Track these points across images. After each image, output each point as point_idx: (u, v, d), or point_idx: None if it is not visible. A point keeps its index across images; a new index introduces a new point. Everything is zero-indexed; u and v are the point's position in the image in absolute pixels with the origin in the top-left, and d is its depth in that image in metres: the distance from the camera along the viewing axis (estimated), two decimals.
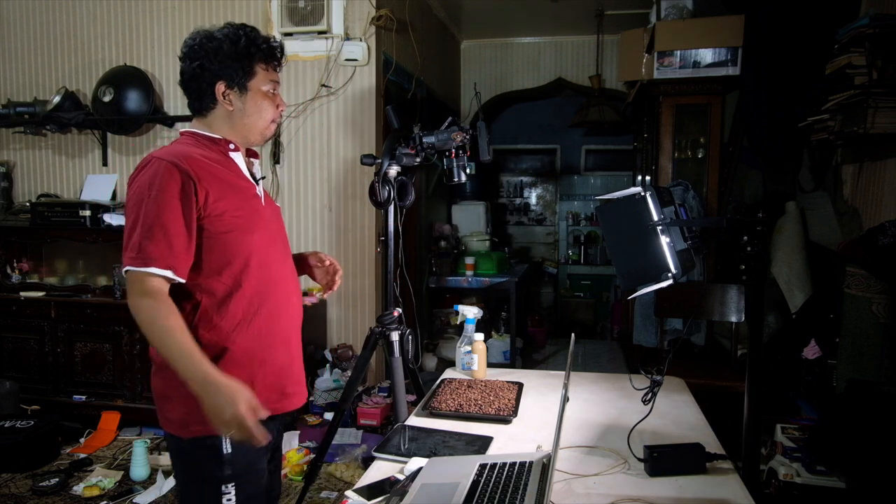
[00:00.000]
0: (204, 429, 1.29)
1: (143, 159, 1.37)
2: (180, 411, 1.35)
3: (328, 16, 3.51)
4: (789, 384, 2.99)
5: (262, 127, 1.48)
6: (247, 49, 1.42)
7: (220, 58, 1.40)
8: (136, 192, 1.32)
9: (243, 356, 1.39)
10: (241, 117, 1.45)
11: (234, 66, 1.41)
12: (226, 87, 1.42)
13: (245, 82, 1.43)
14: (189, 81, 1.43)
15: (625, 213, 1.30)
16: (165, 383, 1.37)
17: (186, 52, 1.42)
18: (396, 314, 2.24)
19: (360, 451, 3.01)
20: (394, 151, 2.18)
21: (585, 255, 7.05)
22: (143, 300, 1.27)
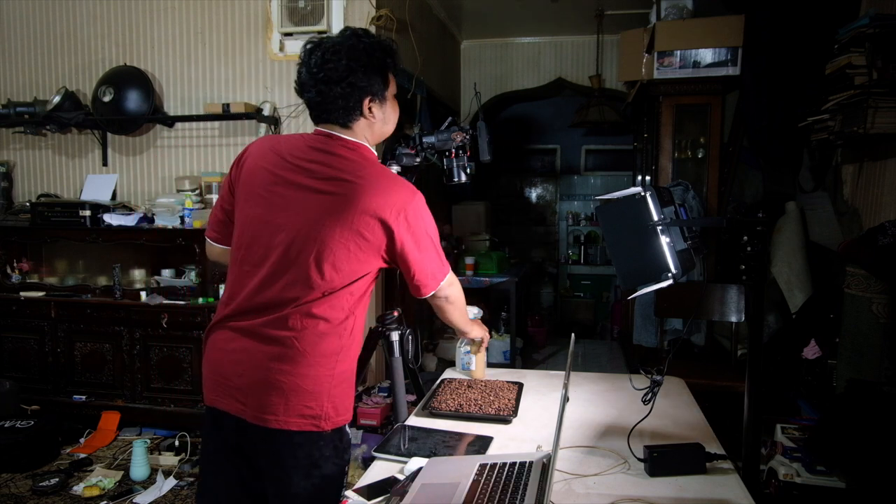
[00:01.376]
0: (346, 416, 1.42)
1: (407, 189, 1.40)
2: (334, 404, 1.39)
3: (328, 16, 3.51)
4: (789, 384, 2.99)
5: (390, 131, 1.52)
6: (383, 60, 1.42)
7: (369, 73, 1.40)
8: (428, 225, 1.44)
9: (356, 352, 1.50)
10: (381, 126, 1.48)
11: (377, 79, 1.42)
12: (370, 101, 1.42)
13: (384, 92, 1.45)
14: (336, 101, 1.39)
15: (625, 213, 1.30)
16: (328, 380, 1.39)
17: (331, 73, 1.37)
18: (396, 314, 2.24)
19: (360, 451, 3.01)
20: (394, 151, 2.17)
21: (585, 255, 7.05)
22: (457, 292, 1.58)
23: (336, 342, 1.39)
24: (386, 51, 1.43)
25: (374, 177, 1.38)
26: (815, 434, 2.31)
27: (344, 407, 1.42)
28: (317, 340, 1.36)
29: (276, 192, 1.39)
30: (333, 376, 1.39)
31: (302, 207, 1.36)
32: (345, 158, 1.40)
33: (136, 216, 3.54)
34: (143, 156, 3.92)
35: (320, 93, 1.39)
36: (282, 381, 1.34)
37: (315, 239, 1.35)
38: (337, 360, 1.39)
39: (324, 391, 1.37)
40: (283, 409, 1.34)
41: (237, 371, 1.38)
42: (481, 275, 4.51)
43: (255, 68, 3.72)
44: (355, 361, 1.46)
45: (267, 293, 1.38)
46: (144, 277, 3.63)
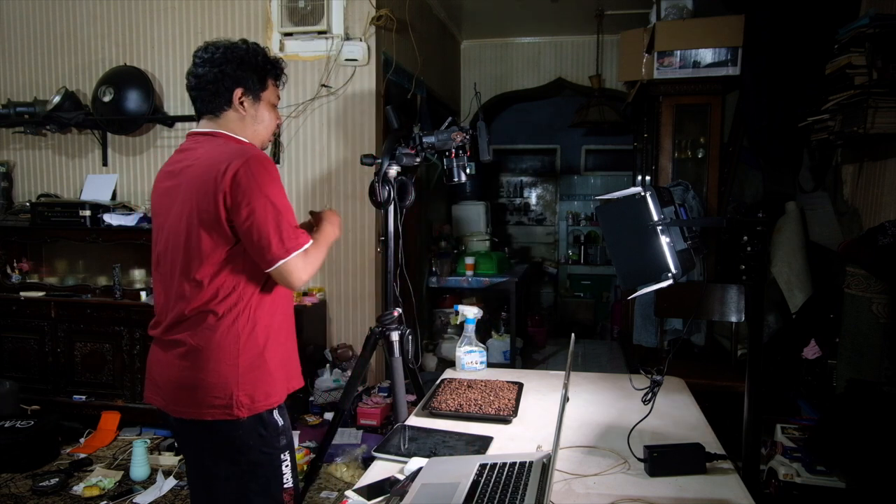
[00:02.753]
0: (266, 402, 1.49)
1: (234, 155, 1.43)
2: (246, 392, 1.47)
3: (328, 16, 3.51)
4: (789, 384, 2.99)
5: (265, 136, 1.62)
6: (264, 63, 1.57)
7: (243, 66, 1.53)
8: (263, 189, 1.41)
9: (278, 334, 1.57)
10: (252, 123, 1.57)
11: (253, 76, 1.55)
12: (242, 94, 1.54)
13: (259, 92, 1.57)
14: (207, 83, 1.52)
15: (625, 213, 1.30)
16: (233, 370, 1.46)
17: (208, 59, 1.52)
18: (396, 314, 2.24)
19: (360, 451, 3.01)
20: (394, 151, 2.18)
21: (585, 255, 7.05)
22: (309, 266, 1.48)
23: (230, 333, 1.46)
24: (269, 58, 1.59)
25: (210, 150, 1.47)
26: (815, 434, 2.31)
27: (260, 394, 1.49)
28: (209, 335, 1.46)
29: (156, 203, 1.55)
30: (238, 366, 1.46)
31: (167, 210, 1.50)
32: (198, 148, 1.51)
33: (136, 216, 3.55)
34: (143, 156, 3.92)
35: (196, 77, 1.52)
36: (188, 377, 1.46)
37: (176, 235, 1.47)
38: (238, 350, 1.47)
39: (230, 381, 1.45)
40: (192, 401, 1.46)
41: (158, 373, 1.54)
42: (481, 275, 4.51)
43: None
44: (269, 349, 1.52)
45: (160, 299, 1.53)
46: (144, 277, 3.63)
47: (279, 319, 1.57)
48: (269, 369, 1.51)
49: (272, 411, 1.52)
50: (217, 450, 1.50)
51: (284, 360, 1.58)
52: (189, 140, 1.55)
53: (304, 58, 3.65)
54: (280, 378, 1.55)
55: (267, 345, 1.51)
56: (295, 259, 1.44)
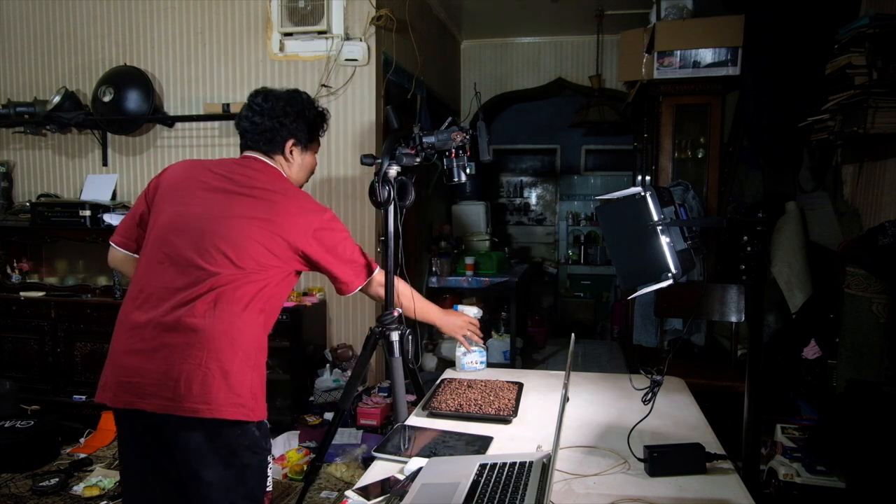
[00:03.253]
0: (262, 412, 1.55)
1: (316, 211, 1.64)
2: (255, 397, 1.53)
3: (328, 16, 3.51)
4: (789, 384, 2.99)
5: (303, 179, 1.80)
6: (315, 119, 1.75)
7: (299, 121, 1.68)
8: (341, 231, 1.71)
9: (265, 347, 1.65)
10: (297, 170, 1.74)
11: (304, 129, 1.71)
12: (293, 145, 1.69)
13: (308, 144, 1.74)
14: (264, 132, 1.65)
15: (625, 213, 1.30)
16: (241, 376, 1.50)
17: (268, 109, 1.64)
18: (396, 314, 2.24)
19: (360, 451, 3.01)
20: (394, 151, 2.17)
21: (585, 255, 7.05)
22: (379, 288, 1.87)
23: (256, 330, 1.59)
24: (320, 114, 1.77)
25: (290, 192, 1.63)
26: (815, 434, 2.31)
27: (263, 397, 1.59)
28: (228, 328, 1.53)
29: (198, 195, 1.60)
30: (259, 366, 1.59)
31: (221, 206, 1.57)
32: (262, 173, 1.65)
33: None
34: (143, 156, 3.92)
35: (253, 123, 1.65)
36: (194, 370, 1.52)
37: (230, 230, 1.55)
38: (258, 349, 1.60)
39: (254, 381, 1.57)
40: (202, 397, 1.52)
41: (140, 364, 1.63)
42: (481, 275, 4.51)
43: (255, 68, 3.72)
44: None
45: (162, 280, 1.71)
46: None
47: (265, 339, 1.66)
48: (263, 383, 1.59)
49: (264, 421, 1.58)
50: (213, 451, 1.46)
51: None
52: (246, 160, 1.67)
53: (304, 58, 3.65)
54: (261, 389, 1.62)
55: (265, 361, 1.62)
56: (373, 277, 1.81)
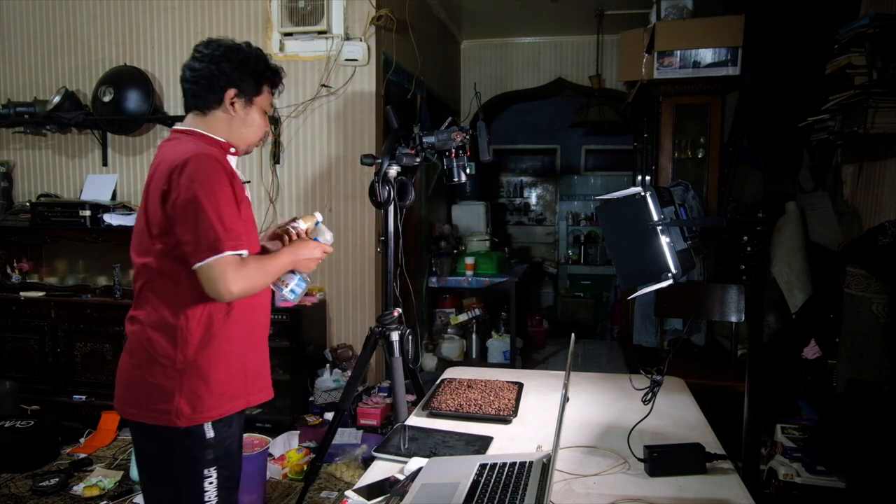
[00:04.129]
0: (198, 417, 1.42)
1: (177, 155, 1.40)
2: (177, 403, 1.42)
3: (328, 16, 3.51)
4: (789, 384, 2.99)
5: (252, 141, 1.59)
6: (264, 69, 1.56)
7: (242, 68, 1.51)
8: (192, 184, 1.35)
9: (235, 340, 1.49)
10: (240, 126, 1.55)
11: (249, 79, 1.53)
12: (235, 95, 1.51)
13: (253, 96, 1.55)
14: (200, 79, 1.50)
15: (625, 213, 1.30)
16: (162, 377, 1.43)
17: (207, 55, 1.50)
18: (396, 314, 2.24)
19: (360, 451, 3.01)
20: (394, 151, 2.18)
21: (585, 255, 7.05)
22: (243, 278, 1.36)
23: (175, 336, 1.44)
24: (269, 65, 1.58)
25: (176, 149, 1.43)
26: (815, 434, 2.31)
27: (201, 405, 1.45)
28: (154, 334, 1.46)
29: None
30: (181, 372, 1.44)
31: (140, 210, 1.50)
32: (171, 146, 1.48)
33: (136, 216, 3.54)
34: (143, 156, 3.92)
35: (192, 70, 1.51)
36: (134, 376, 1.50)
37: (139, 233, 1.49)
38: (181, 355, 1.46)
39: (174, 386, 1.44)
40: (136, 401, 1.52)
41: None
42: (481, 275, 4.51)
43: None
44: (219, 358, 1.47)
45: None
46: None
47: (237, 327, 1.48)
48: (216, 381, 1.44)
49: (203, 426, 1.44)
50: (152, 453, 1.49)
51: (241, 372, 1.50)
52: (170, 136, 1.54)
53: (304, 58, 3.65)
54: (228, 390, 1.47)
55: (217, 356, 1.45)
56: (221, 262, 1.33)
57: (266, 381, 1.61)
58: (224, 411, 1.46)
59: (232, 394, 1.48)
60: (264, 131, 1.61)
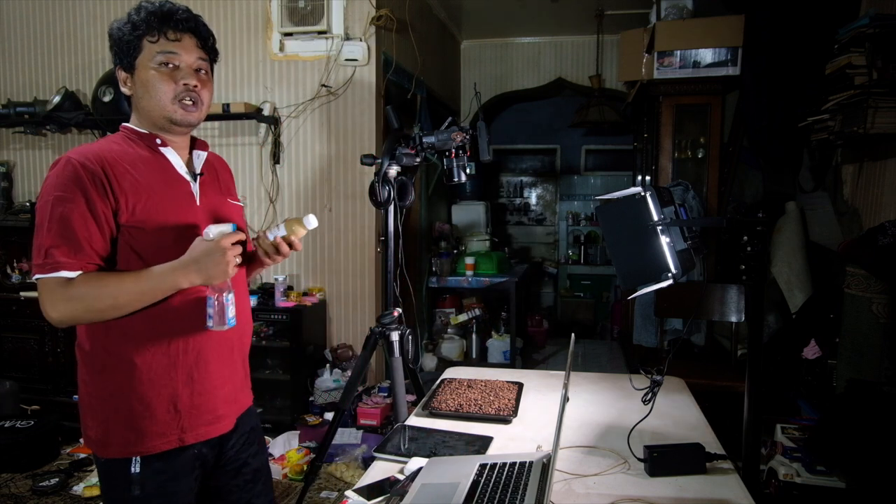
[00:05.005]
0: (117, 450, 1.27)
1: (56, 159, 1.25)
2: (98, 429, 1.28)
3: (328, 16, 3.51)
4: (789, 384, 2.99)
5: (160, 108, 1.29)
6: (131, 26, 1.27)
7: (113, 41, 1.30)
8: (42, 194, 1.22)
9: (155, 370, 1.27)
10: (137, 101, 1.31)
11: (123, 47, 1.29)
12: (121, 72, 1.32)
13: (132, 61, 1.29)
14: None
15: (625, 213, 1.30)
16: (87, 400, 1.30)
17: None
18: (396, 314, 2.24)
19: (360, 451, 3.01)
20: (394, 151, 2.18)
21: (585, 255, 7.05)
22: (67, 302, 1.18)
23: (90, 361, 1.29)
24: (137, 14, 1.29)
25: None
26: (815, 434, 2.31)
27: (116, 438, 1.27)
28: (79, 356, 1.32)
29: None
30: (93, 397, 1.29)
31: None
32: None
33: None
34: None
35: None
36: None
37: None
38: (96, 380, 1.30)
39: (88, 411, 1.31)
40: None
41: None
42: (481, 275, 4.52)
43: (255, 68, 3.72)
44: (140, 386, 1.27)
45: None
46: None
47: (154, 354, 1.27)
48: (132, 413, 1.26)
49: (130, 460, 1.27)
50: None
51: (167, 405, 1.28)
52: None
53: (304, 58, 3.65)
54: (149, 426, 1.27)
55: (130, 384, 1.25)
56: (40, 283, 1.18)
57: (214, 414, 1.35)
58: (146, 449, 1.27)
59: (156, 430, 1.27)
60: (171, 90, 1.28)
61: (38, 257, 1.18)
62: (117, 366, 1.26)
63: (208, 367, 1.33)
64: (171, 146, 1.34)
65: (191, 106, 1.31)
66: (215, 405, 1.35)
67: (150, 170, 1.29)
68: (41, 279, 1.18)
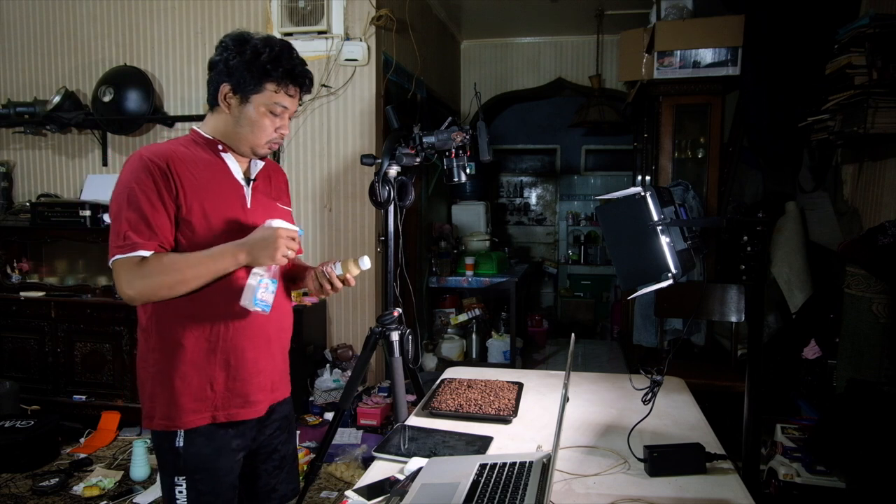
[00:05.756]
0: (160, 423, 1.41)
1: (130, 155, 1.41)
2: (148, 404, 1.43)
3: (328, 16, 3.51)
4: (789, 384, 2.99)
5: (254, 143, 1.46)
6: (265, 64, 1.40)
7: (237, 61, 1.40)
8: (119, 185, 1.37)
9: (197, 353, 1.41)
10: (235, 125, 1.45)
11: (246, 74, 1.40)
12: (229, 91, 1.42)
13: (249, 93, 1.42)
14: (210, 72, 1.45)
15: (625, 213, 1.30)
16: (142, 376, 1.45)
17: (218, 45, 1.44)
18: (396, 314, 2.24)
19: (360, 451, 3.01)
20: (394, 151, 2.17)
21: (585, 255, 7.05)
22: (143, 279, 1.32)
23: (147, 340, 1.44)
24: (278, 59, 1.40)
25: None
26: (815, 434, 2.31)
27: (164, 412, 1.42)
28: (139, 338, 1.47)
29: None
30: (150, 376, 1.43)
31: None
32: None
33: None
34: None
35: (209, 62, 1.45)
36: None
37: None
38: (152, 358, 1.43)
39: (145, 389, 1.45)
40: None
41: None
42: (481, 275, 4.52)
43: None
44: (184, 365, 1.40)
45: None
46: None
47: (197, 336, 1.40)
48: (174, 389, 1.39)
49: (176, 433, 1.40)
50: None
51: (205, 384, 1.41)
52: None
53: (305, 58, 3.64)
54: (188, 402, 1.40)
55: (176, 363, 1.39)
56: (116, 264, 1.33)
57: (246, 399, 1.47)
58: (182, 423, 1.40)
59: (191, 406, 1.40)
60: (269, 133, 1.45)
61: (116, 240, 1.32)
62: (166, 346, 1.40)
63: (245, 355, 1.45)
64: (231, 153, 1.48)
65: (275, 146, 1.51)
66: (249, 391, 1.47)
67: (210, 172, 1.43)
68: (119, 259, 1.32)
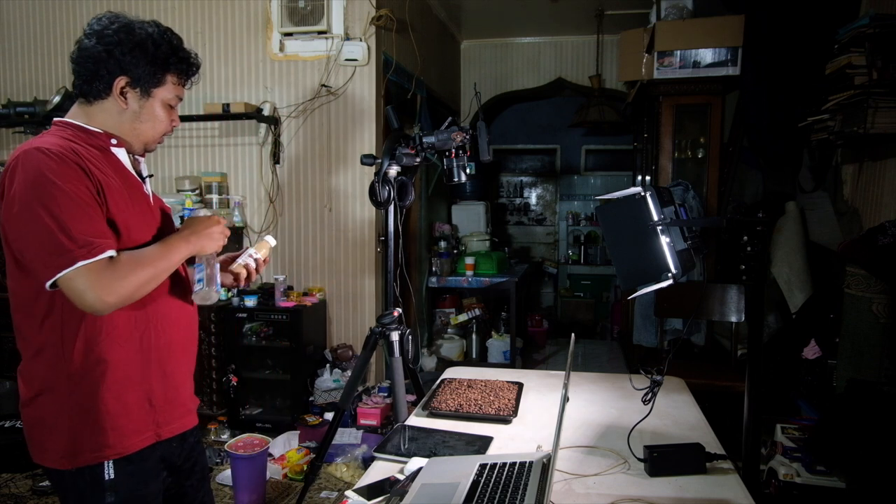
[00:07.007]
0: (90, 456, 1.25)
1: (13, 156, 1.18)
2: (63, 440, 1.27)
3: (328, 16, 3.51)
4: (789, 384, 2.99)
5: (150, 137, 1.35)
6: (167, 57, 1.29)
7: (135, 53, 1.25)
8: (34, 186, 1.14)
9: (131, 366, 1.28)
10: (133, 120, 1.31)
11: (147, 68, 1.27)
12: (126, 84, 1.27)
13: (151, 87, 1.30)
14: (86, 61, 1.25)
15: (625, 213, 1.30)
16: (46, 411, 1.29)
17: (96, 32, 1.25)
18: (396, 314, 2.24)
19: (360, 451, 3.01)
20: (394, 151, 2.18)
21: (585, 255, 7.05)
22: (121, 281, 1.16)
23: (56, 365, 1.27)
24: (176, 50, 1.30)
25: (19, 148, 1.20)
26: (815, 434, 2.31)
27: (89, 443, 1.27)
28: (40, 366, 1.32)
29: None
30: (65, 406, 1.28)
31: None
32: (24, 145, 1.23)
33: None
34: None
35: (80, 48, 1.26)
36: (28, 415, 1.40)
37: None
38: (66, 387, 1.29)
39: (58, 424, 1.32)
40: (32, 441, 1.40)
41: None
42: (481, 275, 4.52)
43: (255, 68, 3.72)
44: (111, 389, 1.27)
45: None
46: None
47: (129, 348, 1.27)
48: (108, 413, 1.25)
49: (103, 465, 1.26)
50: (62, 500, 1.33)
51: (142, 401, 1.30)
52: (50, 128, 1.30)
53: (304, 58, 3.65)
54: (125, 423, 1.27)
55: (104, 383, 1.25)
56: (83, 270, 1.12)
57: (185, 407, 1.40)
58: (124, 448, 1.26)
59: (132, 427, 1.28)
60: (168, 127, 1.35)
61: (71, 246, 1.12)
62: (87, 367, 1.24)
63: (178, 359, 1.38)
64: (122, 148, 1.33)
65: (162, 140, 1.41)
66: (185, 398, 1.41)
67: (112, 169, 1.28)
68: (85, 266, 1.12)
